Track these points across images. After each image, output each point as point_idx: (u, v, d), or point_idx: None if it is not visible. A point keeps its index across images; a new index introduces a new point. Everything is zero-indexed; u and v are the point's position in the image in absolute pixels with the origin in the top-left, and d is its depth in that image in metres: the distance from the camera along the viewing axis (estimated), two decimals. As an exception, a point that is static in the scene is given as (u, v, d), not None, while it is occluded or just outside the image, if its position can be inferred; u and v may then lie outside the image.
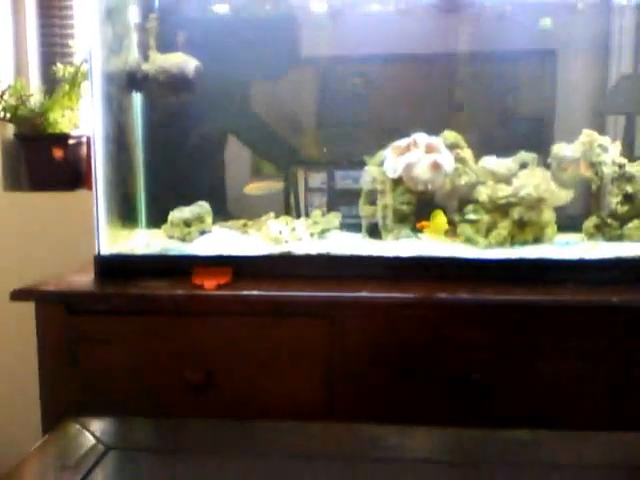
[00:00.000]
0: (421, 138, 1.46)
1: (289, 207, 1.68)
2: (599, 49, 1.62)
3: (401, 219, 1.45)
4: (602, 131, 1.54)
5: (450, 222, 1.47)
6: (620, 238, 1.46)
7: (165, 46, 1.54)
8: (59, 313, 1.27)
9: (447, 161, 1.45)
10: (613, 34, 1.61)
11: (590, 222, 1.49)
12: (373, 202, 1.49)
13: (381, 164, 1.49)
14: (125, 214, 1.53)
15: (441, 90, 1.69)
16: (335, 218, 1.50)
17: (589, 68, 1.65)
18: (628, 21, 1.60)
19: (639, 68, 1.63)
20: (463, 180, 1.47)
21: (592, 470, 0.86)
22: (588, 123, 1.55)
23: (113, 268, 1.37)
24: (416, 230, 1.46)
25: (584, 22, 1.59)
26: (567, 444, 0.94)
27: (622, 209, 1.46)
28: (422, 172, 1.43)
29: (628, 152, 1.51)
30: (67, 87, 1.68)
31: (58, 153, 1.70)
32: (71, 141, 1.74)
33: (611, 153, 1.48)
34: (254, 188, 1.56)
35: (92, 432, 0.87)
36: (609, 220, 1.47)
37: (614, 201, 1.46)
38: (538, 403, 1.23)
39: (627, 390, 1.21)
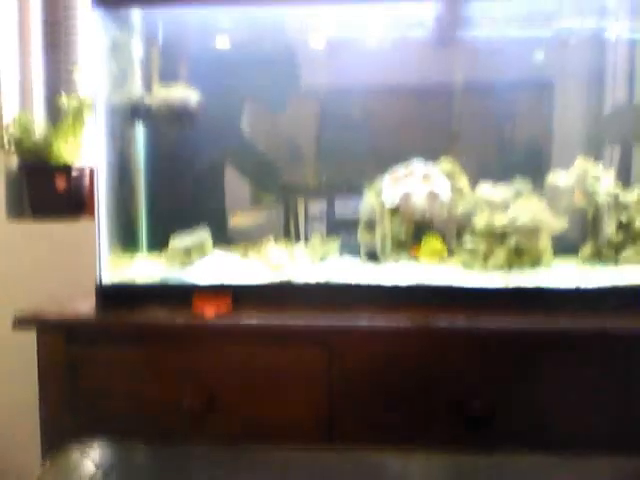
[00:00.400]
0: (418, 167, 1.48)
1: (289, 235, 1.70)
2: (592, 81, 1.66)
3: (399, 246, 1.47)
4: (597, 160, 1.57)
5: (448, 249, 1.48)
6: (616, 265, 1.47)
7: (167, 78, 1.57)
8: (60, 341, 1.28)
9: (443, 190, 1.47)
10: (605, 66, 1.65)
11: (586, 249, 1.51)
12: (372, 229, 1.51)
13: (379, 192, 1.51)
14: (127, 243, 1.55)
15: (438, 120, 1.73)
16: (334, 244, 1.52)
17: (582, 99, 1.68)
18: (619, 54, 1.64)
19: (633, 99, 1.67)
20: (460, 209, 1.49)
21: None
22: (582, 152, 1.58)
23: (114, 296, 1.38)
24: (411, 258, 1.47)
25: (577, 55, 1.63)
26: (566, 469, 0.94)
27: (617, 237, 1.48)
28: (419, 202, 1.45)
29: (623, 180, 1.54)
30: (71, 119, 1.71)
31: (61, 184, 1.73)
32: (74, 172, 1.77)
33: (605, 182, 1.50)
34: (240, 221, 1.57)
35: (93, 459, 0.87)
36: (604, 248, 1.49)
37: (609, 229, 1.49)
38: (536, 429, 1.22)
39: (625, 417, 1.22)
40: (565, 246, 1.51)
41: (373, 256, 1.49)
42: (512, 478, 0.93)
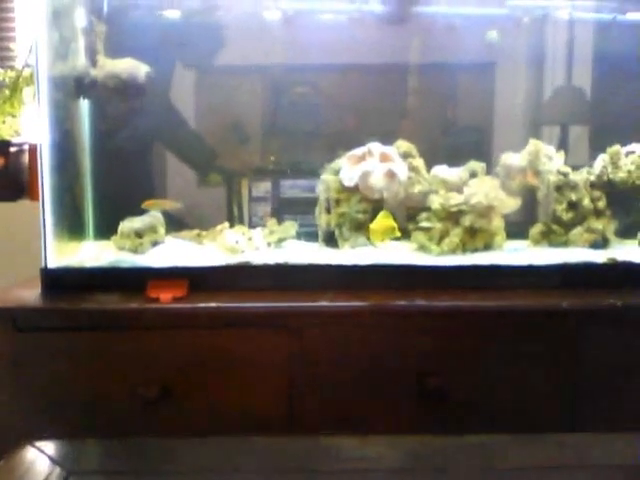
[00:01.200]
0: (376, 147, 1.47)
1: (234, 217, 1.66)
2: (542, 62, 1.68)
3: (357, 228, 1.46)
4: (546, 141, 1.60)
5: (404, 230, 1.48)
6: (565, 244, 1.52)
7: (114, 51, 1.49)
8: (6, 330, 1.21)
9: (401, 170, 1.47)
10: (556, 48, 1.68)
11: (536, 229, 1.55)
12: (329, 211, 1.49)
13: (336, 173, 1.50)
14: (72, 225, 1.47)
15: (390, 100, 1.72)
16: (291, 227, 1.50)
17: (533, 80, 1.71)
18: (574, 35, 1.67)
19: (574, 80, 1.70)
20: (416, 188, 1.49)
21: (553, 472, 0.89)
22: (533, 133, 1.61)
23: (61, 282, 1.32)
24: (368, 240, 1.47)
25: (528, 36, 1.65)
26: (526, 447, 0.96)
27: (567, 216, 1.52)
28: (377, 180, 1.44)
29: (573, 160, 1.58)
30: (8, 93, 1.60)
31: (-2, 161, 1.63)
32: (12, 149, 1.66)
33: (556, 162, 1.54)
34: (151, 204, 1.52)
35: (50, 456, 0.83)
36: (554, 227, 1.53)
37: (559, 208, 1.52)
38: (495, 407, 1.25)
39: (577, 392, 1.26)
40: (513, 228, 1.54)
41: (331, 239, 1.48)
42: (476, 457, 0.94)
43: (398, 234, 1.44)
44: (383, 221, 1.43)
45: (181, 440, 0.98)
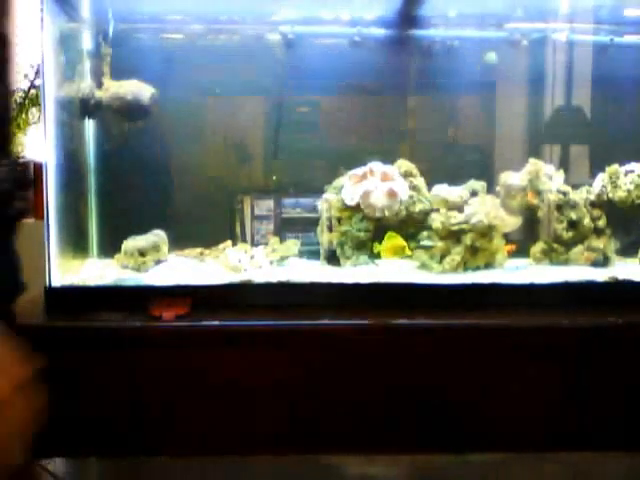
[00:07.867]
0: (377, 167, 1.49)
1: (237, 235, 1.67)
2: (542, 82, 1.70)
3: (359, 246, 1.47)
4: (546, 160, 1.62)
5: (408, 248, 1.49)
6: (566, 262, 1.52)
7: (119, 73, 1.51)
8: (9, 348, 1.21)
9: (402, 189, 1.48)
10: (555, 69, 1.70)
11: (537, 247, 1.55)
12: (331, 229, 1.50)
13: (339, 192, 1.51)
14: (76, 244, 1.48)
15: (391, 120, 1.74)
16: (294, 245, 1.50)
17: (532, 100, 1.73)
18: (571, 56, 1.69)
19: (573, 100, 1.72)
20: (417, 207, 1.50)
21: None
22: (533, 152, 1.63)
23: (64, 300, 1.32)
24: (374, 256, 1.47)
25: (528, 57, 1.67)
26: (528, 466, 0.96)
27: (567, 235, 1.53)
28: (379, 199, 1.46)
29: (571, 180, 1.59)
30: (14, 113, 1.62)
31: (3, 180, 1.63)
32: (17, 168, 1.68)
33: (556, 181, 1.55)
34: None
35: (54, 474, 0.83)
36: (555, 245, 1.54)
37: (559, 227, 1.53)
38: (497, 424, 1.25)
39: (579, 409, 1.26)
40: (517, 244, 1.55)
41: (333, 257, 1.49)
42: (476, 477, 0.94)
43: (409, 253, 1.44)
44: (392, 241, 1.43)
45: (182, 459, 0.98)
